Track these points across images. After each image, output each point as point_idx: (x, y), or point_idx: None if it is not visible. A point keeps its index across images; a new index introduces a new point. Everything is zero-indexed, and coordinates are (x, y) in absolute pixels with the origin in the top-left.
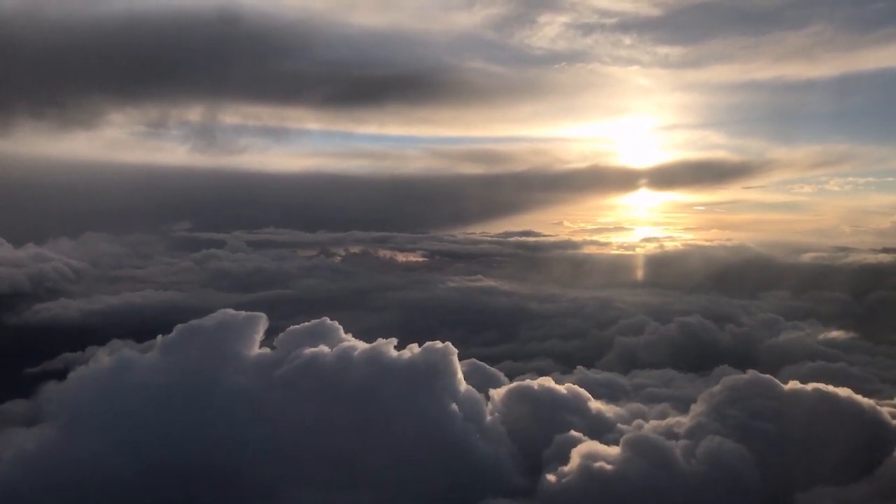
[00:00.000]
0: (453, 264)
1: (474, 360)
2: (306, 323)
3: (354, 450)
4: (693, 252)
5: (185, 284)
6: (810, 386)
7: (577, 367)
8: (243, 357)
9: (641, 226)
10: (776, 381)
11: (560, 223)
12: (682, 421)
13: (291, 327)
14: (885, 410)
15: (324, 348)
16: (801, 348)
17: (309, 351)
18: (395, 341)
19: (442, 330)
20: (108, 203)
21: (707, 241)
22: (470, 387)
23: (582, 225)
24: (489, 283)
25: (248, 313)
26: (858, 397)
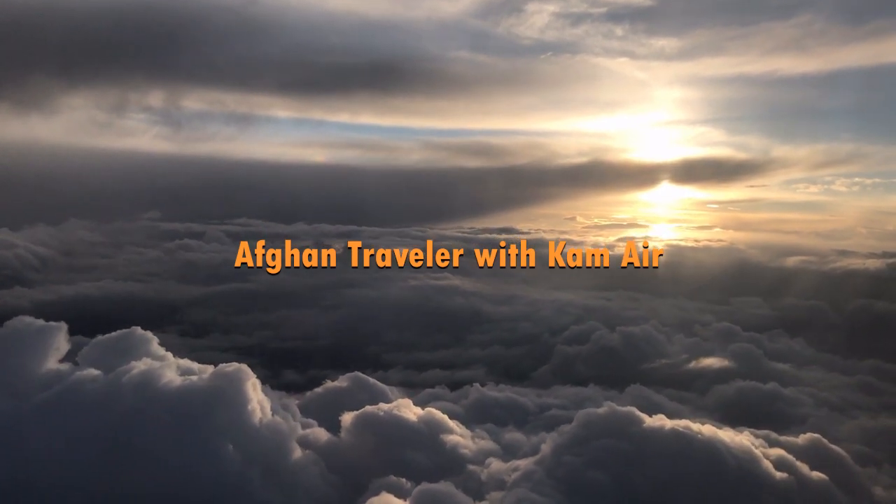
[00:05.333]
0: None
1: (358, 373)
2: (113, 333)
3: (106, 497)
4: (673, 253)
5: (148, 275)
6: (669, 423)
7: (474, 384)
8: (26, 375)
9: (658, 222)
10: (638, 416)
11: (573, 218)
12: (521, 465)
13: (98, 338)
14: (773, 452)
15: (92, 371)
16: (743, 364)
17: (78, 373)
18: (174, 364)
19: (390, 331)
20: (84, 189)
21: (695, 241)
22: (275, 418)
23: (596, 220)
24: (453, 281)
25: (45, 322)
26: (728, 439)
